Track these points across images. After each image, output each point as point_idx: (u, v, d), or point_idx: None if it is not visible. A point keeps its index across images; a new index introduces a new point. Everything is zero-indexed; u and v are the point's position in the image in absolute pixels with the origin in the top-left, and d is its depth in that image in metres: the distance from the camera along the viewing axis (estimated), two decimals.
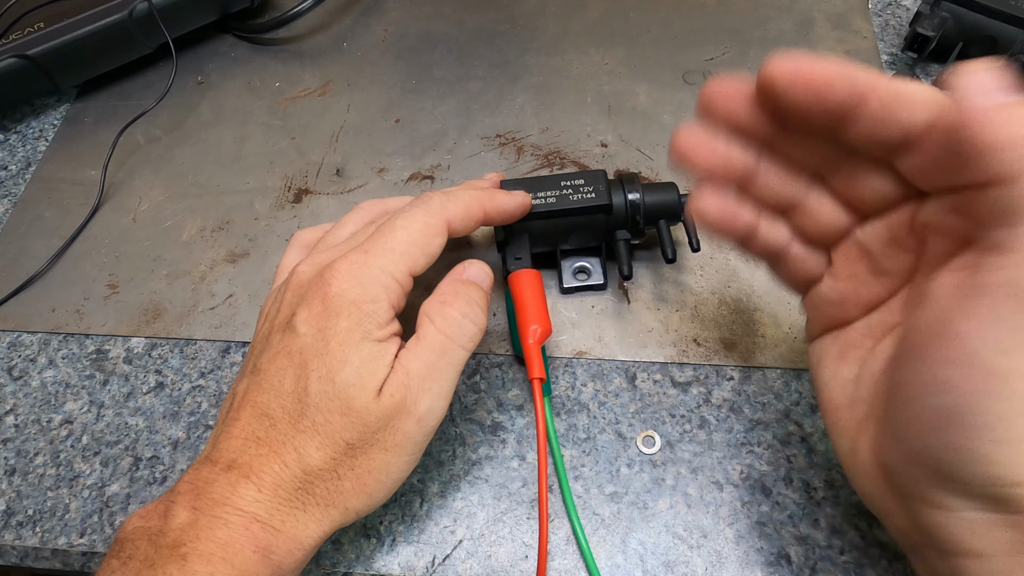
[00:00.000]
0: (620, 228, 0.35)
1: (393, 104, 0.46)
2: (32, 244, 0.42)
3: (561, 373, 0.35)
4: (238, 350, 0.37)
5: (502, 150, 0.44)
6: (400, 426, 0.26)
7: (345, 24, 0.51)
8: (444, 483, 0.32)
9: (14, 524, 0.33)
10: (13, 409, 0.36)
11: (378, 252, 0.27)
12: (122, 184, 0.44)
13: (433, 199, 0.29)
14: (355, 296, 0.26)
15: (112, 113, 0.47)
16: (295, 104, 0.47)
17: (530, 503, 0.32)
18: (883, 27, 0.48)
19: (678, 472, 0.32)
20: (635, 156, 0.43)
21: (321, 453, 0.25)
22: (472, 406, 0.34)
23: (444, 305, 0.28)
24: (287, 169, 0.44)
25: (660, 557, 0.30)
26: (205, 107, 0.47)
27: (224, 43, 0.51)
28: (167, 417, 0.35)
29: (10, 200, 0.44)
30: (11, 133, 0.47)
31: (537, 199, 0.34)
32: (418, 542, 0.31)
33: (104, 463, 0.34)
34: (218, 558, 0.24)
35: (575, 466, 0.32)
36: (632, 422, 0.33)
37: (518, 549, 0.31)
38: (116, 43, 0.46)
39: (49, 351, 0.38)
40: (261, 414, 0.26)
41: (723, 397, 0.34)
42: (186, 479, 0.26)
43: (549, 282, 0.37)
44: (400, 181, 0.43)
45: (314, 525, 0.26)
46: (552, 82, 0.47)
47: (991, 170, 0.19)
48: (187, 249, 0.41)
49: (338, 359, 0.26)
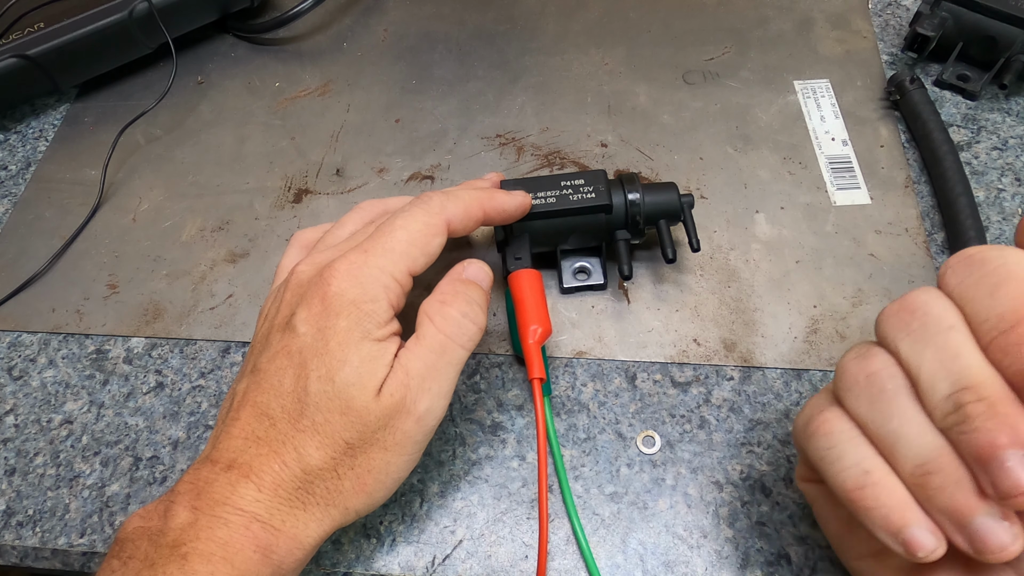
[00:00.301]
0: (620, 228, 0.35)
1: (393, 104, 0.46)
2: (32, 244, 0.42)
3: (561, 373, 0.35)
4: (238, 350, 0.37)
5: (502, 150, 0.44)
6: (400, 425, 0.26)
7: (345, 24, 0.51)
8: (444, 483, 0.32)
9: (14, 524, 0.33)
10: (13, 409, 0.36)
11: (377, 252, 0.27)
12: (122, 184, 0.44)
13: (433, 199, 0.29)
14: (354, 296, 0.26)
15: (112, 113, 0.47)
16: (295, 104, 0.47)
17: (530, 503, 0.32)
18: (883, 27, 0.48)
19: (678, 472, 0.32)
20: (635, 156, 0.43)
21: (321, 453, 0.25)
22: (472, 406, 0.34)
23: (444, 304, 0.28)
24: (287, 169, 0.44)
25: (660, 557, 0.30)
26: (205, 107, 0.47)
27: (224, 43, 0.51)
28: (167, 417, 0.35)
29: (10, 200, 0.44)
30: (11, 133, 0.47)
31: (537, 199, 0.34)
32: (418, 542, 0.31)
33: (104, 463, 0.34)
34: (218, 558, 0.24)
35: (575, 466, 0.32)
36: (632, 422, 0.33)
37: (518, 549, 0.31)
38: (116, 43, 0.46)
39: (49, 351, 0.38)
40: (261, 414, 0.26)
41: (723, 397, 0.34)
42: (186, 479, 0.26)
43: (549, 282, 0.37)
44: (400, 181, 0.43)
45: (314, 525, 0.26)
46: (552, 82, 0.47)
47: None
48: (187, 249, 0.41)
49: (337, 359, 0.26)
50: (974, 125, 0.43)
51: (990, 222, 0.39)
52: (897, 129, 0.43)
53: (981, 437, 0.19)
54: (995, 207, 0.39)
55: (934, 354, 0.21)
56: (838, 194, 0.40)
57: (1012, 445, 0.19)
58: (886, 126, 0.43)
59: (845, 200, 0.40)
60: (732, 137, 0.43)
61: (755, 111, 0.44)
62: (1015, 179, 0.40)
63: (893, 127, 0.43)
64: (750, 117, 0.44)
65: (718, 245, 0.39)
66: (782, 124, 0.43)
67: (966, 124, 0.43)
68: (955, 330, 0.21)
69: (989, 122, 0.43)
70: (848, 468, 0.22)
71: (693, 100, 0.45)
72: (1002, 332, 0.20)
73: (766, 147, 0.42)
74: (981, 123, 0.43)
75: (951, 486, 0.20)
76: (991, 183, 0.40)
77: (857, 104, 0.44)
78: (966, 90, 0.43)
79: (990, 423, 0.19)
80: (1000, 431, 0.19)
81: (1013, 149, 0.41)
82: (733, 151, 0.42)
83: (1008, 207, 0.39)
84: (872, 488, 0.22)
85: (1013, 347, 0.20)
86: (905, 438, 0.21)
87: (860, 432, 0.22)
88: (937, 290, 0.22)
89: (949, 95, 0.44)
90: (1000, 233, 0.38)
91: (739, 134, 0.43)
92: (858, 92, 0.44)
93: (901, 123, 0.43)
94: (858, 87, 0.45)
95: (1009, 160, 0.41)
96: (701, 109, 0.44)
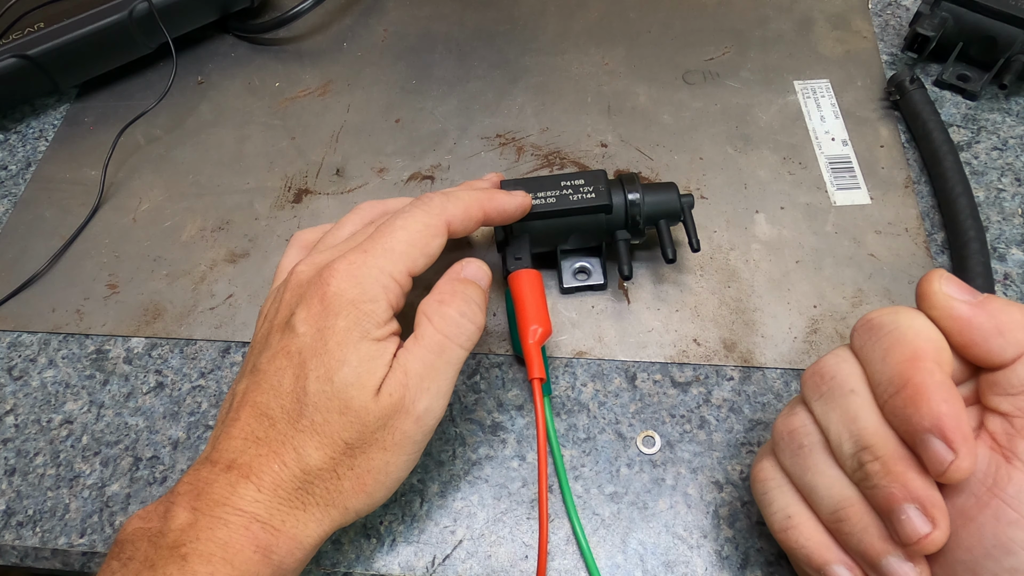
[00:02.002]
0: (620, 228, 0.35)
1: (393, 104, 0.46)
2: (32, 244, 0.42)
3: (561, 373, 0.35)
4: (238, 350, 0.37)
5: (502, 150, 0.44)
6: (399, 425, 0.26)
7: (345, 24, 0.51)
8: (444, 483, 0.32)
9: (14, 524, 0.33)
10: (13, 409, 0.36)
11: (377, 252, 0.27)
12: (122, 184, 0.44)
13: (433, 200, 0.29)
14: (354, 296, 0.26)
15: (112, 113, 0.47)
16: (295, 104, 0.47)
17: (530, 503, 0.32)
18: (883, 27, 0.48)
19: (678, 472, 0.32)
20: (635, 156, 0.43)
21: (320, 453, 0.25)
22: (472, 406, 0.34)
23: (442, 304, 0.28)
24: (287, 169, 0.44)
25: (660, 557, 0.30)
26: (205, 107, 0.47)
27: (224, 43, 0.51)
28: (167, 417, 0.35)
29: (10, 200, 0.44)
30: (11, 133, 0.47)
31: (537, 199, 0.34)
32: (418, 542, 0.31)
33: (104, 463, 0.34)
34: (218, 558, 0.24)
35: (575, 466, 0.32)
36: (632, 422, 0.33)
37: (518, 549, 0.31)
38: (116, 43, 0.46)
39: (49, 351, 0.38)
40: (260, 414, 0.26)
41: (723, 397, 0.34)
42: (186, 480, 0.26)
43: (549, 282, 0.37)
44: (400, 181, 0.43)
45: (314, 525, 0.26)
46: (552, 82, 0.47)
47: (992, 359, 0.22)
48: (187, 249, 0.41)
49: (336, 358, 0.26)
50: (974, 125, 0.43)
51: (990, 222, 0.39)
52: (897, 129, 0.42)
53: (880, 493, 0.22)
54: (995, 207, 0.39)
55: (838, 416, 0.23)
56: (838, 194, 0.40)
57: (906, 500, 0.21)
58: (886, 126, 0.43)
59: (845, 200, 0.40)
60: (732, 137, 0.43)
61: (755, 111, 0.44)
62: (1015, 179, 0.40)
63: (893, 127, 0.43)
64: (750, 117, 0.44)
65: (718, 245, 0.39)
66: (782, 124, 0.43)
67: (966, 124, 0.43)
68: (855, 394, 0.23)
69: (989, 122, 0.43)
70: (775, 513, 0.25)
71: (693, 100, 0.45)
72: (891, 395, 0.22)
73: (766, 147, 0.42)
74: (981, 123, 0.43)
75: (860, 532, 0.23)
76: (991, 183, 0.40)
77: (857, 104, 0.44)
78: (966, 90, 0.43)
79: (885, 480, 0.22)
80: (894, 487, 0.22)
81: (1013, 149, 0.41)
82: (733, 151, 0.42)
83: (1008, 207, 0.39)
84: (794, 531, 0.24)
85: (900, 410, 0.22)
86: (819, 488, 0.24)
87: (788, 481, 0.25)
88: (847, 351, 0.25)
89: (949, 95, 0.44)
90: (1000, 233, 0.38)
91: (739, 134, 0.43)
92: (858, 92, 0.44)
93: (901, 123, 0.43)
94: (858, 87, 0.45)
95: (1009, 160, 0.41)
96: (701, 109, 0.44)
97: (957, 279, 0.23)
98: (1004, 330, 0.22)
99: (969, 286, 0.23)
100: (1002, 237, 0.38)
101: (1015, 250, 0.38)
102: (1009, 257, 0.37)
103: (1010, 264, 0.37)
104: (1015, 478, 0.21)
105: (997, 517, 0.21)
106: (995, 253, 0.38)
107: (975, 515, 0.22)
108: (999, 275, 0.37)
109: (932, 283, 0.23)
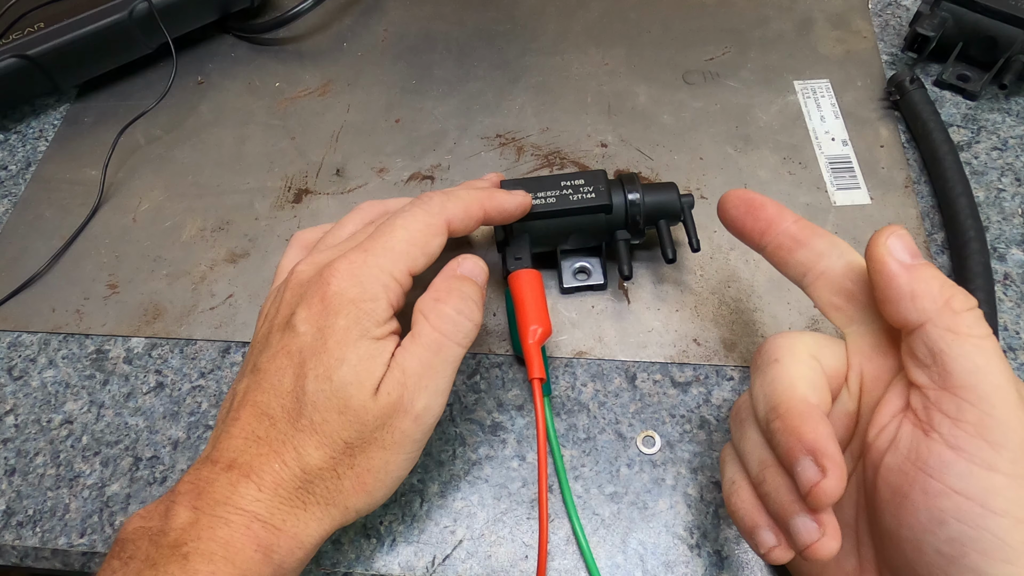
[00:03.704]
0: (620, 228, 0.35)
1: (393, 104, 0.46)
2: (32, 244, 0.42)
3: (561, 373, 0.35)
4: (238, 350, 0.37)
5: (502, 150, 0.44)
6: (398, 424, 0.26)
7: (345, 24, 0.51)
8: (444, 483, 0.32)
9: (14, 524, 0.33)
10: (13, 409, 0.36)
11: (377, 251, 0.27)
12: (122, 184, 0.44)
13: (433, 199, 0.29)
14: (354, 295, 0.26)
15: (112, 113, 0.47)
16: (295, 104, 0.47)
17: (530, 503, 0.32)
18: (883, 27, 0.48)
19: (678, 472, 0.32)
20: (635, 156, 0.43)
21: (320, 452, 0.25)
22: (472, 406, 0.34)
23: (438, 302, 0.28)
24: (287, 169, 0.44)
25: (660, 557, 0.30)
26: (205, 107, 0.47)
27: (224, 43, 0.51)
28: (167, 417, 0.35)
29: (10, 200, 0.44)
30: (11, 133, 0.47)
31: (537, 199, 0.34)
32: (418, 542, 0.31)
33: (104, 463, 0.34)
34: (219, 557, 0.24)
35: (575, 466, 0.32)
36: (632, 422, 0.33)
37: (518, 549, 0.31)
38: (116, 43, 0.46)
39: (49, 351, 0.38)
40: (261, 413, 0.26)
41: (723, 397, 0.34)
42: (187, 479, 0.26)
43: (549, 282, 0.37)
44: (400, 181, 0.43)
45: (315, 524, 0.26)
46: (552, 82, 0.47)
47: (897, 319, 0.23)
48: (187, 249, 0.41)
49: (335, 357, 0.26)
50: (974, 125, 0.43)
51: (990, 222, 0.39)
52: (897, 129, 0.43)
53: (781, 449, 0.24)
54: (995, 207, 0.39)
55: (759, 383, 0.26)
56: (838, 194, 0.40)
57: (801, 452, 0.23)
58: (886, 126, 0.43)
59: (845, 200, 0.40)
60: (732, 137, 0.43)
61: (755, 111, 0.44)
62: (1015, 179, 0.40)
63: (893, 127, 0.43)
64: (750, 117, 0.44)
65: (718, 245, 0.39)
66: (782, 124, 0.43)
67: (966, 124, 0.43)
68: (778, 363, 0.25)
69: (989, 122, 0.43)
70: (725, 482, 0.27)
71: (693, 100, 0.45)
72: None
73: (766, 147, 0.42)
74: (981, 123, 0.43)
75: (774, 491, 0.24)
76: (991, 183, 0.40)
77: (857, 104, 0.44)
78: (966, 90, 0.44)
79: (784, 436, 0.23)
80: (791, 440, 0.23)
81: (1013, 149, 0.41)
82: (733, 151, 0.42)
83: (1008, 207, 0.39)
84: (735, 496, 0.26)
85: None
86: (746, 452, 0.26)
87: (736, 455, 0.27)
88: (778, 336, 0.27)
89: (949, 95, 0.44)
90: (1000, 233, 0.38)
91: (739, 134, 0.43)
92: (858, 92, 0.44)
93: (901, 123, 0.43)
94: (858, 87, 0.45)
95: (1009, 160, 0.41)
96: (701, 109, 0.44)
97: (909, 239, 0.24)
98: (917, 296, 0.23)
99: (916, 249, 0.24)
100: (1002, 237, 0.38)
101: (1015, 250, 0.38)
102: (1009, 257, 0.37)
103: (1010, 264, 0.37)
104: (934, 450, 0.22)
105: (925, 491, 0.22)
106: (995, 253, 0.38)
107: (907, 491, 0.22)
108: (999, 275, 0.37)
109: (881, 235, 0.24)
